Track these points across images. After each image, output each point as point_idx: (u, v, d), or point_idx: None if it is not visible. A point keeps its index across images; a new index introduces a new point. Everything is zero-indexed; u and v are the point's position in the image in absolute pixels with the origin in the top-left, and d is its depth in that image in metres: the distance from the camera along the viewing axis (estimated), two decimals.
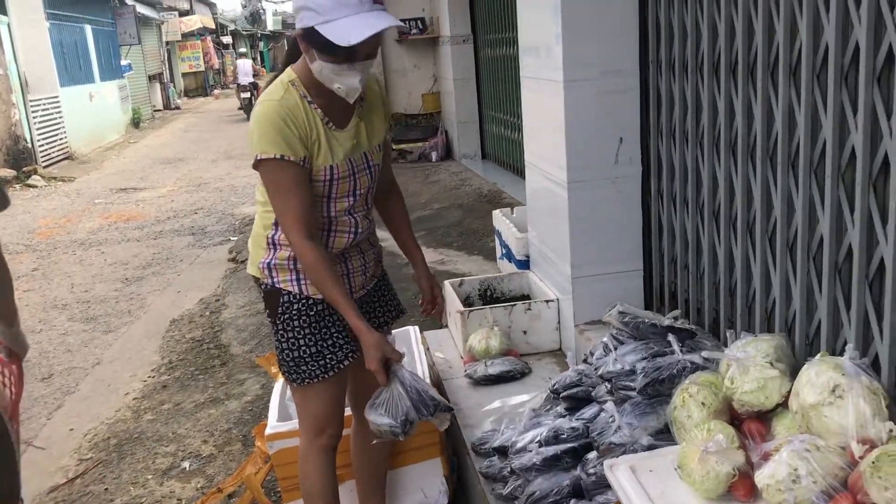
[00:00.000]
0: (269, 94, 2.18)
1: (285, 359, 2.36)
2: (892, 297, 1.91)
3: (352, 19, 2.03)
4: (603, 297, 3.13)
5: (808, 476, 1.76)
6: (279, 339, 2.35)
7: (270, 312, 2.37)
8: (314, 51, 2.10)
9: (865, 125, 1.95)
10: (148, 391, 4.49)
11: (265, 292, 2.37)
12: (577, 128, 3.14)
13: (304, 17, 2.07)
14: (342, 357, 2.35)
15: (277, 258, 2.32)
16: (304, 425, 2.47)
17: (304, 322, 2.32)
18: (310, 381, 2.35)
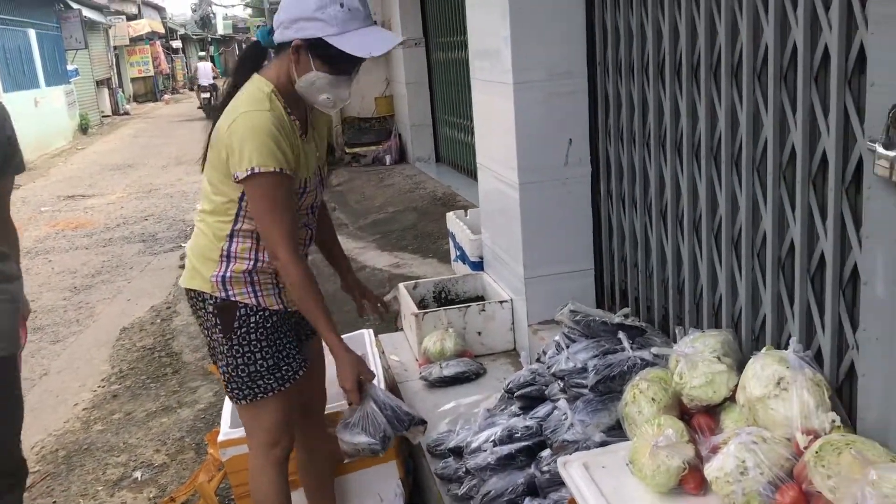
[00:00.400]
0: (255, 103, 2.09)
1: (240, 374, 2.24)
2: (833, 291, 1.96)
3: (364, 33, 2.08)
4: (555, 297, 3.16)
5: (755, 468, 1.79)
6: (234, 355, 2.23)
7: (224, 328, 2.22)
8: (315, 61, 2.09)
9: (804, 124, 2.00)
10: (98, 401, 4.40)
11: (217, 307, 2.22)
12: (527, 129, 3.17)
13: (308, 27, 2.06)
14: (297, 368, 2.31)
15: (233, 271, 2.21)
16: (257, 440, 2.38)
17: (262, 335, 2.23)
18: (263, 395, 2.27)
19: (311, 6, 2.05)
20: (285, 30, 2.10)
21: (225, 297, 2.22)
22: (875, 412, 1.80)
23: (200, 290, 2.25)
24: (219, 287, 2.22)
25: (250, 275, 2.22)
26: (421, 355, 3.53)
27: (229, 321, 2.22)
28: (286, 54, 2.12)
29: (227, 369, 2.27)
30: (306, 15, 2.06)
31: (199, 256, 2.26)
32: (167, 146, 16.18)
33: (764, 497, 1.76)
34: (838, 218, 1.92)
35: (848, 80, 1.84)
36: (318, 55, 2.09)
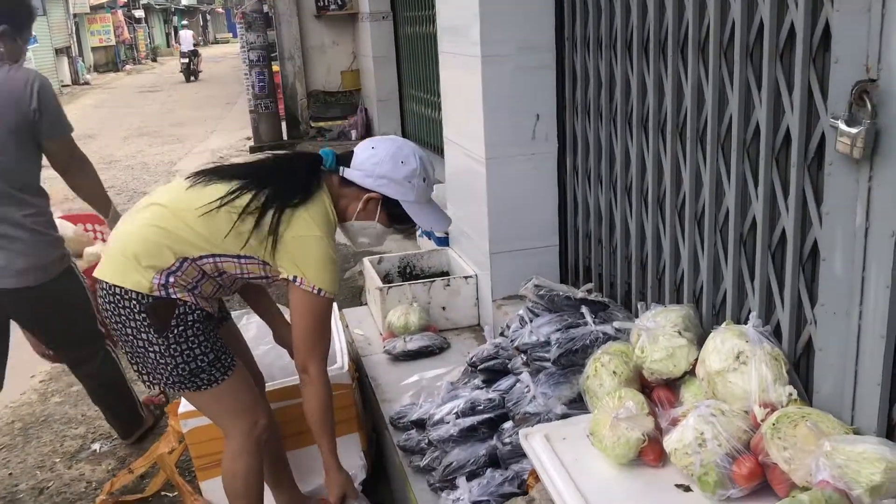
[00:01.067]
0: (327, 229, 2.22)
1: (180, 373, 2.19)
2: (793, 268, 1.99)
3: (433, 208, 2.39)
4: (520, 273, 3.17)
5: (713, 440, 1.82)
6: (171, 354, 2.16)
7: (158, 327, 2.13)
8: (381, 215, 2.32)
9: (769, 101, 2.02)
10: (56, 374, 4.33)
11: (150, 306, 2.13)
12: (495, 104, 3.16)
13: (393, 189, 2.28)
14: (232, 355, 2.32)
15: (180, 280, 2.15)
16: (231, 424, 2.34)
17: (199, 330, 2.19)
18: (207, 386, 2.24)
19: (403, 173, 2.27)
20: (367, 177, 2.28)
21: (164, 294, 2.14)
22: (830, 385, 1.84)
23: (131, 289, 2.13)
24: (158, 287, 2.14)
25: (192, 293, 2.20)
26: (385, 329, 3.52)
27: (166, 319, 2.14)
28: (351, 190, 2.30)
29: (162, 367, 2.20)
30: (396, 178, 2.27)
31: (149, 252, 2.14)
32: (129, 117, 15.90)
33: (721, 468, 1.79)
34: (800, 194, 1.94)
35: (812, 58, 1.86)
36: (387, 211, 2.32)
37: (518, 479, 2.26)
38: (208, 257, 2.17)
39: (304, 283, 2.17)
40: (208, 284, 2.23)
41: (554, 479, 1.95)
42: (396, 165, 2.27)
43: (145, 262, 2.13)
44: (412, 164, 2.28)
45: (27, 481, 3.30)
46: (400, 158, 2.28)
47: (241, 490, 2.40)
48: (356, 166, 2.29)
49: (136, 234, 2.18)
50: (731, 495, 1.79)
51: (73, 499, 3.15)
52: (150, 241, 2.15)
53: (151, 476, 3.13)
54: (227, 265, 2.19)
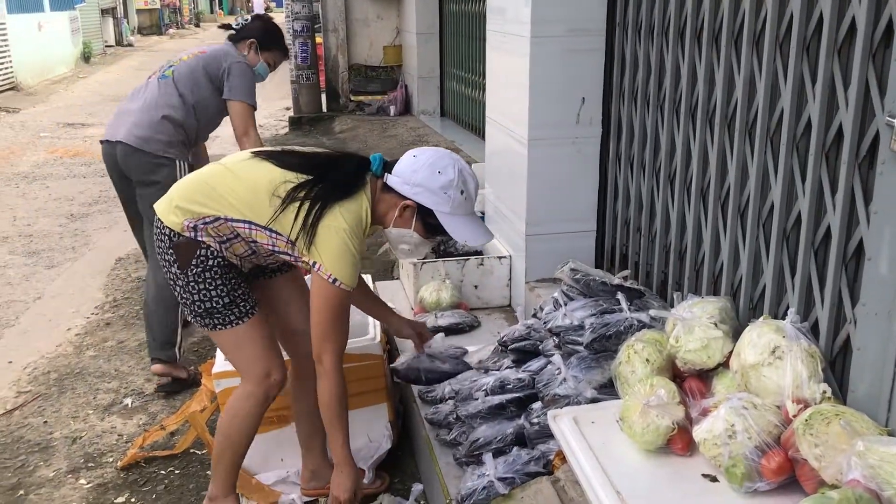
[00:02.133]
0: (356, 225, 2.25)
1: (197, 310, 2.35)
2: (836, 265, 1.97)
3: (467, 220, 2.34)
4: (555, 256, 3.16)
5: (743, 432, 1.82)
6: (189, 291, 2.33)
7: (181, 264, 2.31)
8: (417, 223, 2.33)
9: (823, 96, 1.99)
10: (91, 328, 4.42)
11: (178, 243, 2.31)
12: (541, 85, 3.14)
13: (428, 198, 2.28)
14: (252, 304, 2.40)
15: (210, 230, 2.29)
16: (245, 368, 2.46)
17: (216, 274, 2.32)
18: (223, 327, 2.37)
19: (439, 182, 2.27)
20: (405, 184, 2.29)
21: (192, 236, 2.29)
22: (867, 385, 1.83)
23: (167, 225, 2.32)
24: (187, 229, 2.30)
25: (219, 243, 2.31)
26: (417, 304, 3.55)
27: (187, 258, 2.31)
28: (391, 196, 2.32)
29: (185, 300, 2.37)
30: (431, 187, 2.27)
31: (187, 202, 2.31)
32: None
33: (750, 461, 1.79)
34: (848, 192, 1.92)
35: (872, 54, 1.83)
36: (423, 221, 2.33)
37: (544, 460, 2.28)
38: (244, 222, 2.28)
39: (322, 269, 2.22)
40: (240, 245, 2.34)
41: (581, 462, 1.96)
42: (433, 175, 2.28)
43: (184, 207, 2.31)
44: (449, 175, 2.28)
45: (61, 430, 3.38)
46: (438, 168, 2.29)
47: (231, 430, 2.48)
48: (397, 173, 2.33)
49: (187, 183, 2.39)
50: (759, 488, 1.79)
51: (104, 450, 3.23)
52: (194, 192, 2.33)
53: (182, 433, 3.19)
54: (259, 235, 2.29)
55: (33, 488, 2.99)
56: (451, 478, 2.44)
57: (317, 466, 2.74)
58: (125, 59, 21.09)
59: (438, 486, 2.48)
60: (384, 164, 2.37)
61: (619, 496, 1.82)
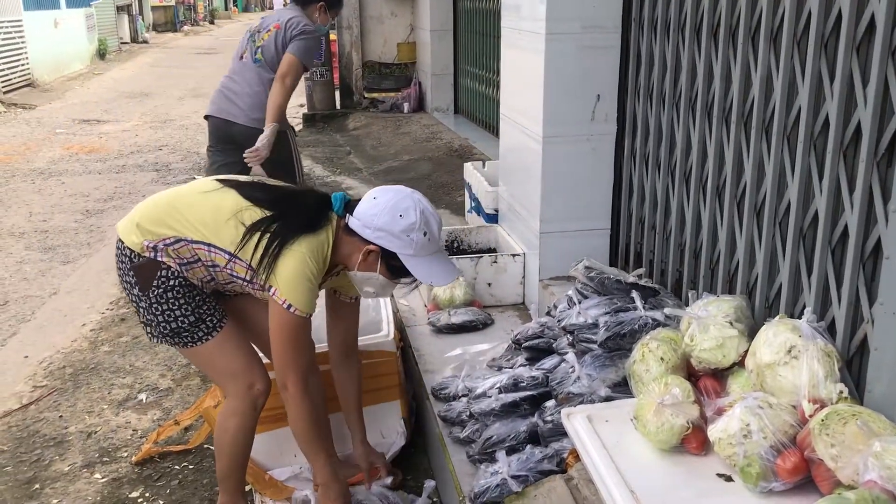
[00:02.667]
0: (317, 256, 2.23)
1: (163, 331, 2.33)
2: (853, 264, 1.96)
3: (432, 260, 2.29)
4: (569, 254, 3.15)
5: (759, 431, 1.81)
6: (153, 312, 2.31)
7: (142, 285, 2.29)
8: (381, 267, 2.29)
9: (841, 93, 1.98)
10: (106, 323, 4.44)
11: (138, 265, 2.28)
12: (556, 82, 3.14)
13: (390, 242, 2.23)
14: (220, 317, 2.38)
15: (171, 251, 2.27)
16: (226, 384, 2.44)
17: (179, 294, 2.30)
18: (193, 344, 2.35)
19: (401, 226, 2.22)
20: (366, 228, 2.25)
21: (152, 256, 2.28)
22: (884, 386, 1.82)
23: (127, 246, 2.31)
24: (147, 249, 2.28)
25: (180, 264, 2.30)
26: (430, 301, 3.55)
27: (148, 279, 2.28)
28: (353, 240, 2.28)
29: (149, 320, 2.34)
30: (393, 231, 2.23)
31: (149, 222, 2.30)
32: (185, 78, 16.08)
33: (765, 461, 1.78)
34: (867, 190, 1.90)
35: (892, 51, 1.81)
36: (387, 264, 2.28)
37: (557, 458, 2.27)
38: (204, 244, 2.28)
39: (277, 295, 2.20)
40: (200, 270, 2.32)
41: (594, 460, 1.96)
42: (395, 218, 2.22)
43: (145, 227, 2.30)
44: (411, 218, 2.22)
45: (76, 425, 3.40)
46: (399, 212, 2.23)
47: (226, 447, 2.48)
48: (357, 216, 2.27)
49: (150, 204, 2.38)
50: (774, 488, 1.78)
51: (119, 445, 3.25)
52: (157, 213, 2.32)
53: (196, 429, 3.21)
54: (218, 258, 2.28)
55: (49, 482, 3.01)
56: (464, 475, 2.44)
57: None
58: (140, 55, 21.19)
59: (451, 484, 2.48)
60: (346, 204, 2.33)
61: (633, 495, 1.81)
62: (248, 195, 2.31)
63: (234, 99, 4.16)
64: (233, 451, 2.48)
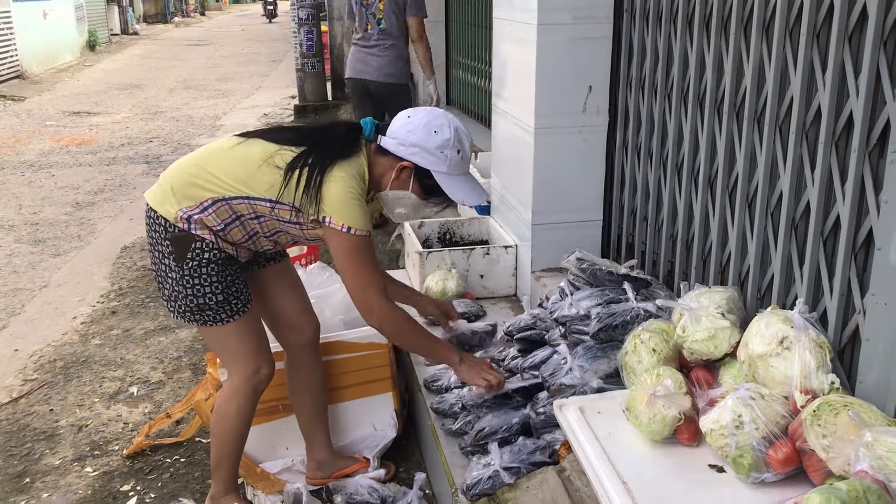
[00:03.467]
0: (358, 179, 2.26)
1: (188, 305, 2.31)
2: (845, 255, 1.96)
3: (463, 180, 2.34)
4: (561, 246, 3.15)
5: (751, 422, 1.81)
6: (183, 285, 2.28)
7: (177, 256, 2.27)
8: (414, 185, 2.33)
9: (833, 84, 1.97)
10: (97, 316, 4.43)
11: (174, 236, 2.27)
12: (548, 73, 3.12)
13: (425, 158, 2.28)
14: (245, 300, 2.37)
15: (201, 221, 2.25)
16: (234, 365, 2.43)
17: (213, 270, 2.28)
18: (213, 323, 2.34)
19: (435, 142, 2.27)
20: (400, 145, 2.29)
21: (186, 228, 2.25)
22: (875, 376, 1.82)
23: (162, 215, 2.28)
24: (182, 221, 2.25)
25: (214, 233, 2.27)
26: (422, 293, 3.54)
27: (183, 251, 2.26)
28: (387, 159, 2.32)
29: (176, 294, 2.31)
30: (428, 147, 2.27)
31: (182, 187, 2.28)
32: (175, 69, 16.01)
33: (757, 451, 1.78)
34: (858, 181, 1.90)
35: (884, 41, 1.81)
36: (420, 182, 2.32)
37: (549, 449, 2.27)
38: (243, 198, 2.26)
39: (333, 222, 2.20)
40: (238, 230, 2.30)
41: (586, 451, 1.95)
42: (429, 134, 2.27)
43: (178, 195, 2.27)
44: (445, 134, 2.28)
45: (67, 418, 3.39)
46: (433, 128, 2.28)
47: (224, 430, 2.47)
48: (391, 134, 2.32)
49: (179, 168, 2.34)
50: (766, 479, 1.78)
51: (110, 438, 3.24)
52: (188, 177, 2.29)
53: (187, 422, 3.20)
54: (260, 207, 2.27)
55: (39, 476, 3.00)
56: (456, 467, 2.44)
57: (322, 457, 2.74)
58: (130, 47, 21.06)
59: (444, 476, 2.48)
60: (376, 128, 2.36)
61: (624, 486, 1.81)
62: (275, 139, 2.31)
63: (368, 61, 5.25)
64: (229, 438, 2.47)
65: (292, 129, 2.42)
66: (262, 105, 11.51)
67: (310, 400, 2.69)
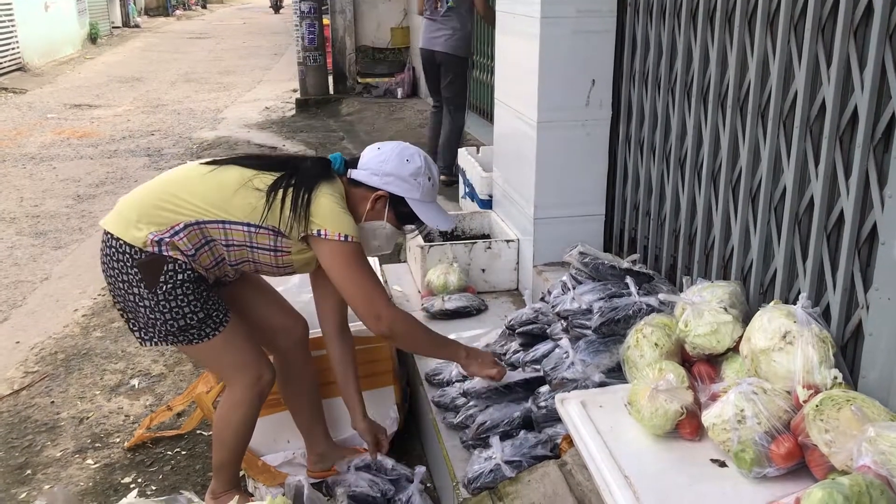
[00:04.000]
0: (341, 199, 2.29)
1: (169, 329, 2.23)
2: (849, 250, 1.95)
3: (436, 207, 2.42)
4: (563, 240, 3.14)
5: (753, 417, 1.81)
6: (160, 311, 2.20)
7: (148, 283, 2.17)
8: (389, 214, 2.36)
9: (838, 78, 1.96)
10: (98, 309, 4.43)
11: (142, 262, 2.17)
12: (551, 66, 3.11)
13: (399, 186, 2.32)
14: (225, 311, 2.33)
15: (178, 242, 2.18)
16: (233, 376, 2.39)
17: (189, 289, 2.21)
18: (201, 340, 2.28)
19: (409, 170, 2.32)
20: (374, 175, 2.33)
21: (157, 251, 2.18)
22: (878, 371, 1.81)
23: (126, 242, 2.19)
24: (151, 244, 2.18)
25: (186, 256, 2.21)
26: (424, 287, 3.54)
27: (155, 276, 2.18)
28: (359, 191, 2.35)
29: (153, 322, 2.24)
30: (402, 175, 2.32)
31: (150, 212, 2.21)
32: (177, 62, 15.98)
33: (759, 446, 1.78)
34: (863, 176, 1.90)
35: (889, 35, 1.80)
36: (395, 210, 2.36)
37: (551, 443, 2.27)
38: (217, 223, 2.22)
39: (328, 234, 2.20)
40: (207, 256, 2.25)
41: (588, 445, 1.95)
42: (402, 163, 2.32)
43: (145, 220, 2.20)
44: (417, 163, 2.34)
45: (68, 410, 3.39)
46: (405, 157, 2.33)
47: (229, 439, 2.44)
48: (363, 166, 2.35)
49: (144, 194, 2.28)
50: (768, 473, 1.78)
51: (111, 430, 3.24)
52: (156, 202, 2.23)
53: (188, 414, 3.20)
54: (235, 233, 2.23)
55: (41, 468, 3.00)
56: (457, 461, 2.44)
57: (322, 450, 2.74)
58: (132, 40, 21.02)
59: (445, 469, 2.48)
60: (345, 162, 2.38)
61: (626, 480, 1.81)
62: (251, 165, 2.31)
63: (436, 34, 5.70)
64: (234, 444, 2.45)
65: (265, 157, 2.42)
66: (264, 98, 11.48)
67: (305, 399, 2.69)
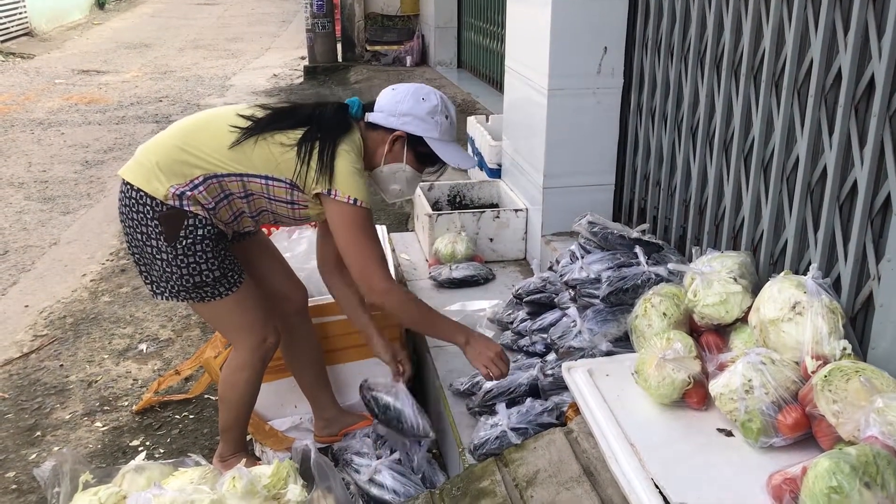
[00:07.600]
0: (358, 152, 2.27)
1: (184, 284, 2.24)
2: (861, 221, 1.93)
3: (456, 147, 2.36)
4: (572, 210, 3.11)
5: (761, 387, 1.80)
6: (177, 265, 2.20)
7: (168, 236, 2.17)
8: (408, 155, 2.32)
9: (855, 46, 1.93)
10: (106, 274, 4.44)
11: (163, 215, 2.17)
12: (563, 33, 3.07)
13: (416, 126, 2.29)
14: (241, 271, 2.34)
15: (198, 196, 2.18)
16: (239, 337, 2.40)
17: (208, 246, 2.21)
18: (211, 298, 2.29)
19: (425, 108, 2.29)
20: (391, 117, 2.29)
21: (178, 205, 2.17)
22: (888, 343, 1.80)
23: (148, 194, 2.18)
24: (173, 197, 2.17)
25: (206, 210, 2.21)
26: (431, 256, 3.53)
27: (175, 230, 2.18)
28: (377, 134, 2.31)
29: (168, 275, 2.24)
30: (418, 114, 2.28)
31: (170, 164, 2.19)
32: (185, 28, 15.87)
33: (766, 416, 1.78)
34: (878, 146, 1.87)
35: None
36: (413, 151, 2.32)
37: (557, 411, 2.27)
38: (235, 175, 2.21)
39: (339, 194, 2.18)
40: (226, 210, 2.25)
41: (594, 413, 1.95)
42: (418, 102, 2.30)
43: (167, 171, 2.18)
44: (433, 101, 2.31)
45: (77, 374, 3.41)
46: (421, 96, 2.31)
47: (234, 400, 2.46)
48: (379, 108, 2.32)
49: (163, 144, 2.25)
50: (774, 443, 1.78)
51: (119, 394, 3.26)
52: (175, 153, 2.21)
53: (196, 378, 3.22)
54: (253, 185, 2.23)
55: (50, 430, 3.03)
56: (463, 427, 2.45)
57: (329, 415, 2.75)
58: (140, 6, 20.86)
59: (451, 436, 2.49)
60: (362, 106, 2.36)
61: (632, 448, 1.81)
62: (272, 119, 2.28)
63: None
64: (239, 405, 2.47)
65: (285, 110, 2.35)
66: (272, 66, 11.41)
67: (309, 365, 2.69)
